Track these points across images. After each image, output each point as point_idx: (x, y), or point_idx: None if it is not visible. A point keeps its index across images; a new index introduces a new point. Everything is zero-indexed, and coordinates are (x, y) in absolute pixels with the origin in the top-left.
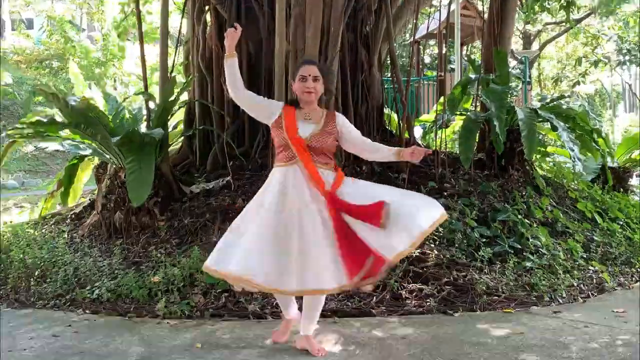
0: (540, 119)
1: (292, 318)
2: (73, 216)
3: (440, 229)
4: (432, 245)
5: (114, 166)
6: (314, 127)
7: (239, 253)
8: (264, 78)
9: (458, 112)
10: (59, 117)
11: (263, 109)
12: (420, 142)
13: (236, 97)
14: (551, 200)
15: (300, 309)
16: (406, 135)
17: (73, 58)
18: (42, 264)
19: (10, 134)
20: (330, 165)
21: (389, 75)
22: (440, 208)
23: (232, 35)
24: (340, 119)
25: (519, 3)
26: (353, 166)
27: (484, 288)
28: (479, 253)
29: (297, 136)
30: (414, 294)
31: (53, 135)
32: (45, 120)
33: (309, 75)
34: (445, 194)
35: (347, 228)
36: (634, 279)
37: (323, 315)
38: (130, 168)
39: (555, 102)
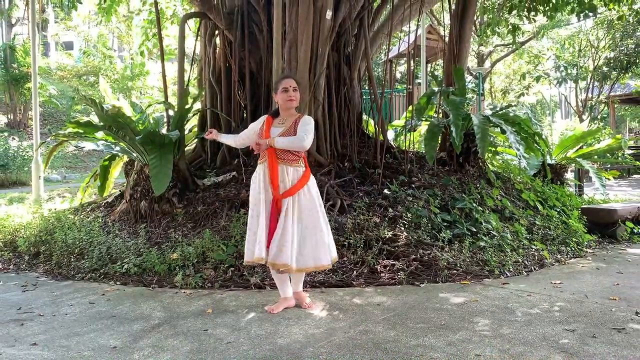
0: (491, 124)
1: (289, 297)
2: (106, 204)
3: (409, 215)
4: (403, 228)
5: (140, 163)
6: (282, 129)
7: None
8: (264, 91)
9: (424, 119)
10: (95, 122)
11: (253, 133)
12: (392, 143)
13: (241, 145)
14: (500, 191)
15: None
16: (381, 137)
17: (106, 74)
18: (80, 243)
19: (56, 137)
20: (297, 162)
21: (367, 87)
22: (331, 257)
23: (211, 137)
24: (302, 119)
25: (473, 28)
26: (337, 163)
27: (445, 264)
28: (441, 235)
29: (264, 138)
30: (387, 269)
31: (90, 136)
32: (83, 122)
33: (290, 87)
34: (413, 185)
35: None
36: (568, 256)
37: (312, 285)
38: (152, 163)
39: (504, 110)
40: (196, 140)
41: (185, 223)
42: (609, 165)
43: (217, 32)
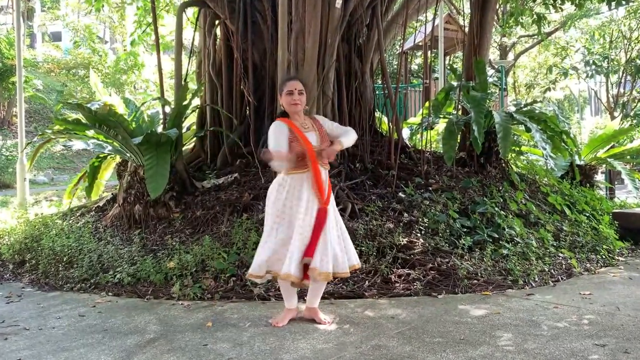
0: (515, 122)
1: (293, 309)
2: (97, 208)
3: (426, 220)
4: (419, 235)
5: (134, 164)
6: (315, 136)
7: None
8: (268, 85)
9: (442, 116)
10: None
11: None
12: (407, 142)
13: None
14: (525, 194)
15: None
16: (395, 136)
17: (96, 67)
18: (69, 251)
19: (42, 135)
20: (327, 163)
21: (380, 82)
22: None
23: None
24: (321, 120)
25: (496, 17)
26: (347, 164)
27: (465, 273)
28: (460, 241)
29: (311, 146)
30: (402, 278)
31: (80, 134)
32: (72, 119)
33: (295, 90)
34: (430, 188)
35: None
36: (599, 264)
37: (321, 297)
38: (148, 164)
39: (528, 107)
40: (195, 139)
41: (183, 229)
42: None
43: (217, 21)
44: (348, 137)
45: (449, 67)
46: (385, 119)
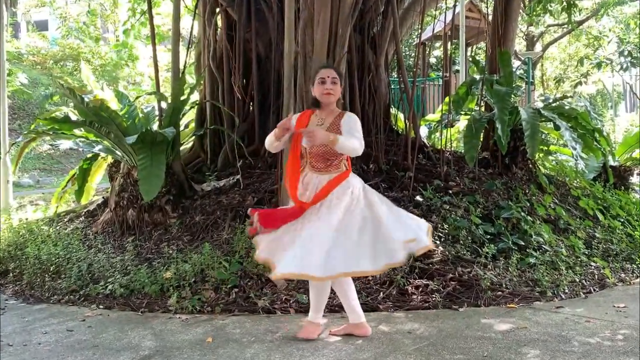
0: (543, 119)
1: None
2: (87, 213)
3: (446, 226)
4: (438, 242)
5: (127, 165)
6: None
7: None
8: (273, 78)
9: (463, 112)
10: (73, 116)
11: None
12: (425, 141)
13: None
14: (554, 198)
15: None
16: (412, 134)
17: (87, 59)
18: (56, 260)
19: (27, 134)
20: (334, 169)
21: (396, 75)
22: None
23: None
24: (347, 117)
25: (522, 5)
26: (360, 164)
27: (488, 284)
28: (483, 249)
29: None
30: (420, 290)
31: (68, 133)
32: (60, 118)
33: (328, 77)
34: (451, 191)
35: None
36: (634, 274)
37: (331, 310)
38: (141, 164)
39: (557, 102)
40: (193, 138)
41: (180, 235)
42: None
43: (218, 9)
44: (346, 140)
45: (470, 59)
46: (401, 115)
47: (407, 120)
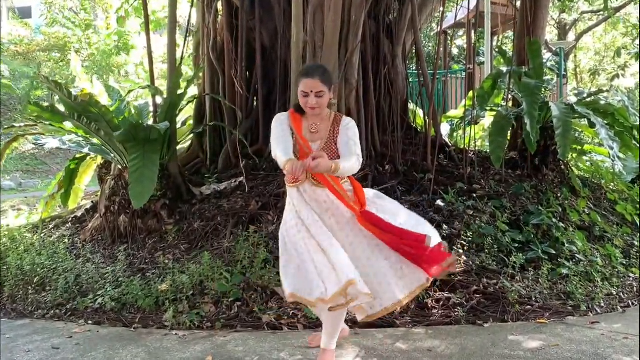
0: (576, 115)
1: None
2: (74, 219)
3: (469, 233)
4: (461, 251)
5: (119, 166)
6: (319, 143)
7: None
8: (280, 71)
9: (488, 108)
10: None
11: (290, 138)
12: (447, 140)
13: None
14: (588, 203)
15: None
16: (432, 132)
17: (75, 49)
18: (41, 270)
19: (8, 130)
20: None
21: (414, 68)
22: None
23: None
24: (345, 122)
25: None
26: (375, 165)
27: (516, 297)
28: (511, 259)
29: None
30: (441, 303)
31: (57, 126)
32: (47, 109)
33: (311, 92)
34: (475, 195)
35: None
36: None
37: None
38: (133, 165)
39: (592, 97)
40: (192, 136)
41: (177, 244)
42: None
43: None
44: (347, 162)
45: (497, 50)
46: (420, 111)
47: (426, 117)
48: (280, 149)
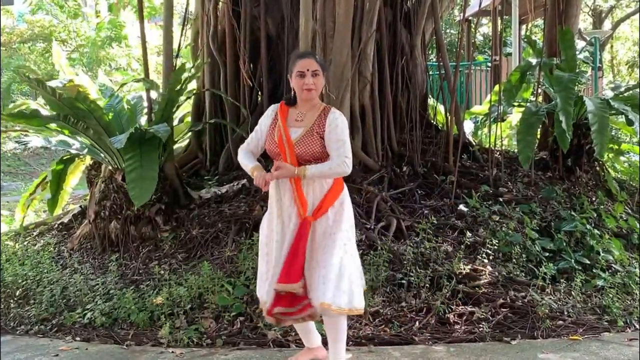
0: (613, 111)
1: (316, 347)
2: (60, 226)
3: (495, 241)
4: (485, 261)
5: (109, 167)
6: (301, 131)
7: None
8: (286, 64)
9: (516, 103)
10: (44, 111)
11: (261, 137)
12: (470, 138)
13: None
14: (626, 207)
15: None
16: (454, 130)
17: (61, 39)
18: (23, 282)
19: None
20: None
21: (435, 59)
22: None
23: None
24: (334, 116)
25: None
26: (392, 167)
27: (547, 311)
28: (541, 270)
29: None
30: (464, 318)
31: (36, 129)
32: (27, 113)
33: (307, 71)
34: (501, 199)
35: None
36: None
37: (357, 343)
38: (129, 165)
39: (630, 92)
40: (190, 134)
41: (174, 253)
42: None
43: None
44: (318, 168)
45: (525, 39)
46: (441, 107)
47: (448, 114)
48: (244, 153)
